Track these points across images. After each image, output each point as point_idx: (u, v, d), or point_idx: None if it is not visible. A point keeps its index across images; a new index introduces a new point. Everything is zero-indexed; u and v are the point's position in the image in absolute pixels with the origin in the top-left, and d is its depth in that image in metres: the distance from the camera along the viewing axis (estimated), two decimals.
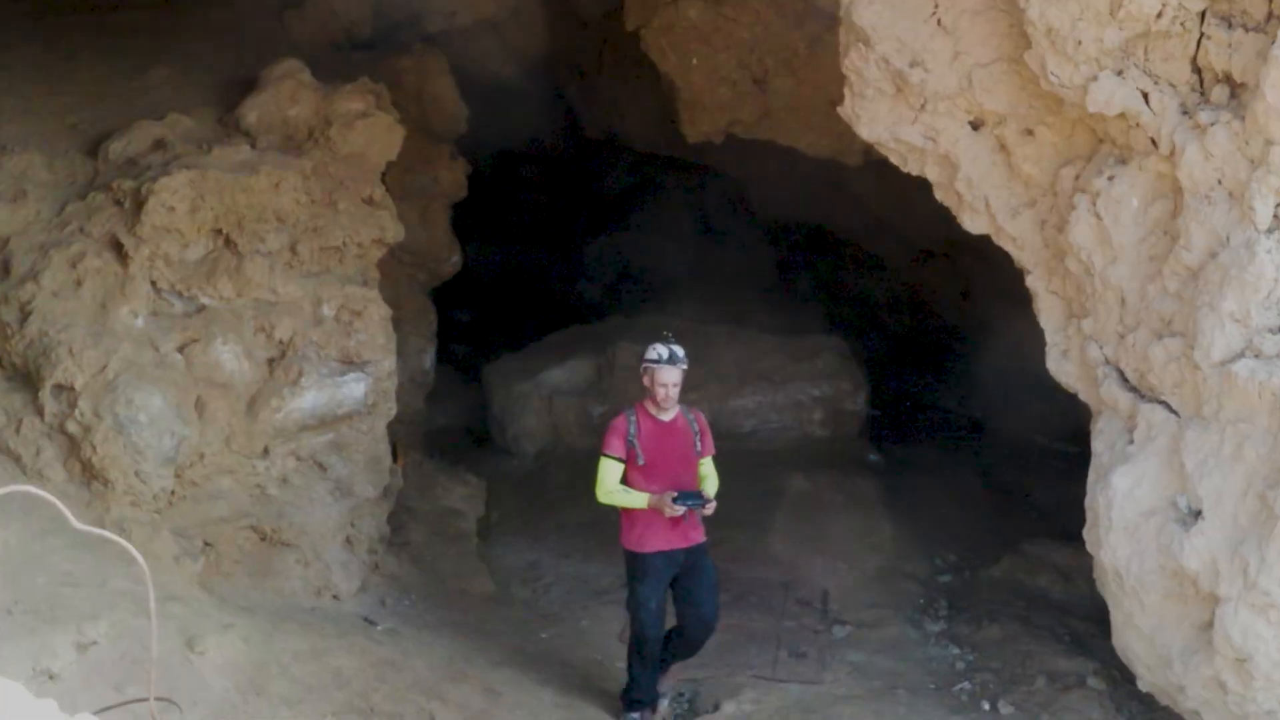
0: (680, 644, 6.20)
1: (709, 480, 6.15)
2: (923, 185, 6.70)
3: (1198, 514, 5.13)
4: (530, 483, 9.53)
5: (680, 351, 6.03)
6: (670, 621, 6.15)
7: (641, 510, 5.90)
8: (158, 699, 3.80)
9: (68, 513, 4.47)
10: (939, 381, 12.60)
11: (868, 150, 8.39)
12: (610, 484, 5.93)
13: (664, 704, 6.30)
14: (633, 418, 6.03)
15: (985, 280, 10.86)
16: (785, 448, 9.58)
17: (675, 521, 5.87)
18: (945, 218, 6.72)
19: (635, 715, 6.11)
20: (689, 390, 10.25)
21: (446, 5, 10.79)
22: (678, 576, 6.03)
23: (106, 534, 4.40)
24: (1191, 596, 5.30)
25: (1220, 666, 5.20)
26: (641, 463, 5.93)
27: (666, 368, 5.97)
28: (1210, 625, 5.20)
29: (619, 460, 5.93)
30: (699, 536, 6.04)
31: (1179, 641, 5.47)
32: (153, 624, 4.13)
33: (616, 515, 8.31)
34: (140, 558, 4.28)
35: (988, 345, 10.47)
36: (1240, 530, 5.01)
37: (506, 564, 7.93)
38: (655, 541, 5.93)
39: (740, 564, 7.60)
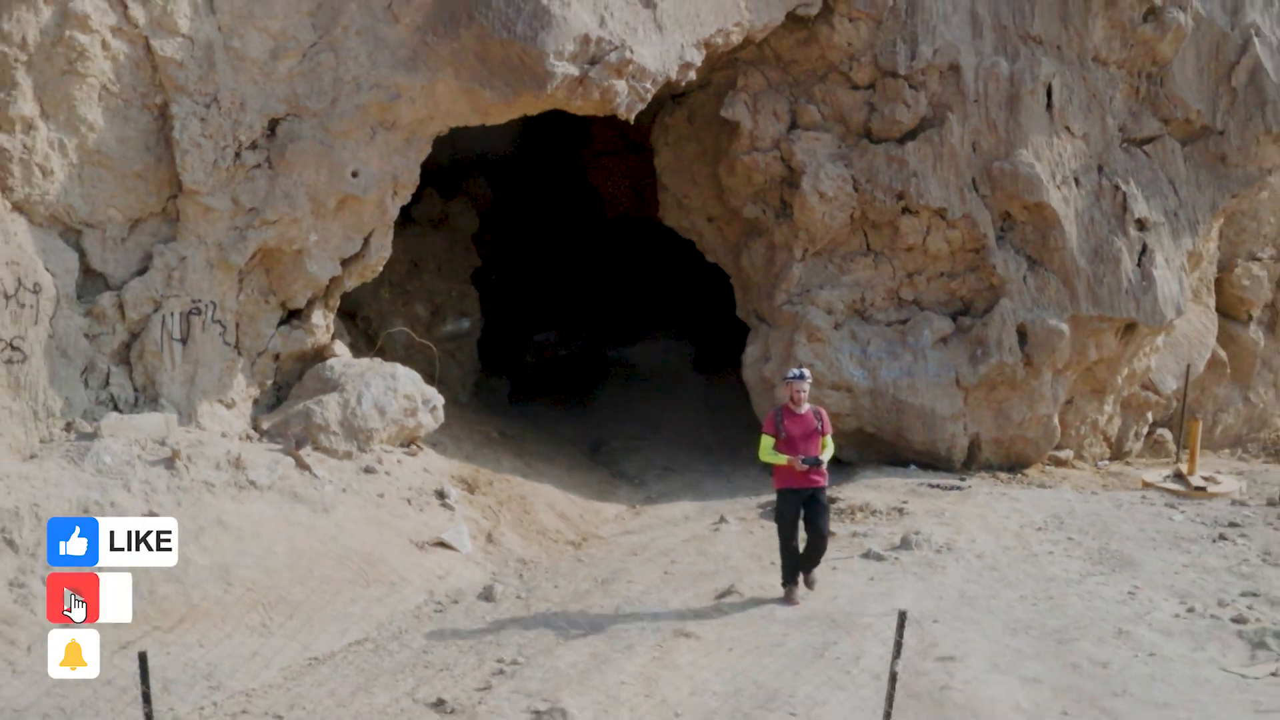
0: (808, 552, 8.10)
1: (827, 449, 8.09)
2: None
3: (768, 358, 13.79)
4: (529, 384, 17.80)
5: (807, 372, 8.21)
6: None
7: (782, 465, 7.93)
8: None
9: (414, 334, 13.25)
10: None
11: None
12: (766, 449, 7.95)
13: (801, 590, 8.12)
14: (780, 411, 8.11)
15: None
16: (655, 370, 18.17)
17: (803, 474, 7.92)
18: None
19: (785, 588, 8.15)
20: (615, 342, 18.93)
21: (482, 144, 19.23)
22: (805, 506, 7.98)
23: (427, 342, 13.02)
24: None
25: None
26: (781, 437, 7.94)
27: (797, 382, 8.09)
28: None
29: (771, 435, 7.97)
30: (820, 482, 8.01)
31: None
32: (436, 366, 12.72)
33: (628, 415, 16.67)
34: (436, 350, 12.87)
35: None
36: (785, 364, 13.72)
37: (522, 412, 16.07)
38: (790, 483, 8.00)
39: (622, 409, 16.27)
